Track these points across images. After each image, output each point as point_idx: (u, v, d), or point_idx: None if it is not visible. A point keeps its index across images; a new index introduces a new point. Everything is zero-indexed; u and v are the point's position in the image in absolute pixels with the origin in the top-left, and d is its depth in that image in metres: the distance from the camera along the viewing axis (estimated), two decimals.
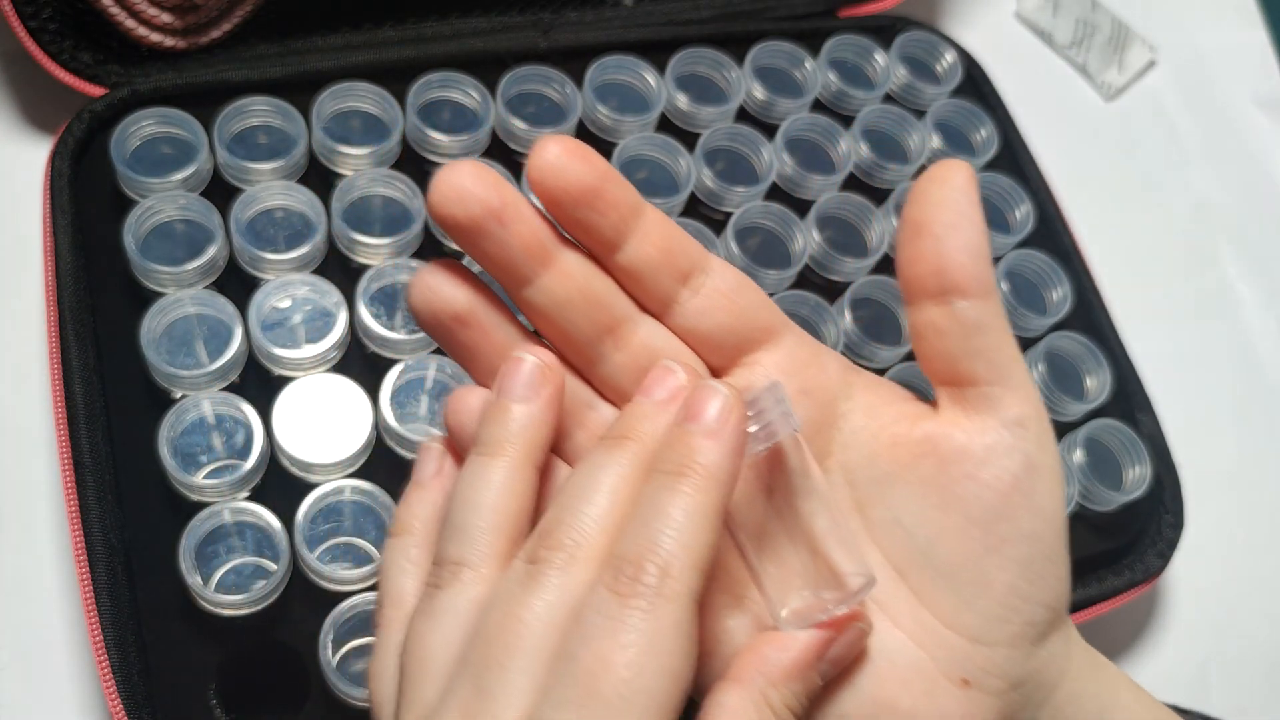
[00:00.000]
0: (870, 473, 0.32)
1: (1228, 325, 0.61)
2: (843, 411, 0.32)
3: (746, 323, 0.31)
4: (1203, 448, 0.54)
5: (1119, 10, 0.67)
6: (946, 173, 0.30)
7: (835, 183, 0.52)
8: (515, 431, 0.29)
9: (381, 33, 0.53)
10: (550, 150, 0.28)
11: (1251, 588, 0.55)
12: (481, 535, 0.29)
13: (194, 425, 0.43)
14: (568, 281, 0.30)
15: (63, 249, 0.45)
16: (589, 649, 0.25)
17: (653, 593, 0.26)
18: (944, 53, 0.58)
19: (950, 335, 0.31)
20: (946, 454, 0.31)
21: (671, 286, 0.31)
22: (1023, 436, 0.30)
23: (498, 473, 0.29)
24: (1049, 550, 0.31)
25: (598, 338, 0.31)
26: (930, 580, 0.31)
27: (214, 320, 0.44)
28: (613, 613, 0.26)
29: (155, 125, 0.47)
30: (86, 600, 0.39)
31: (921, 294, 0.31)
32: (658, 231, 0.30)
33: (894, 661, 0.30)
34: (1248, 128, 0.67)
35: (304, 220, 0.47)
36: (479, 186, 0.28)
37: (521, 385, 0.30)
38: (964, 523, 0.30)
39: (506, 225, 0.29)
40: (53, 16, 0.47)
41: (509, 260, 0.29)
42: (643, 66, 0.52)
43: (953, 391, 0.31)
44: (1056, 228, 0.55)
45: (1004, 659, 0.31)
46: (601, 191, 0.29)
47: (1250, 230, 0.64)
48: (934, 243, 0.30)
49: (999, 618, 0.30)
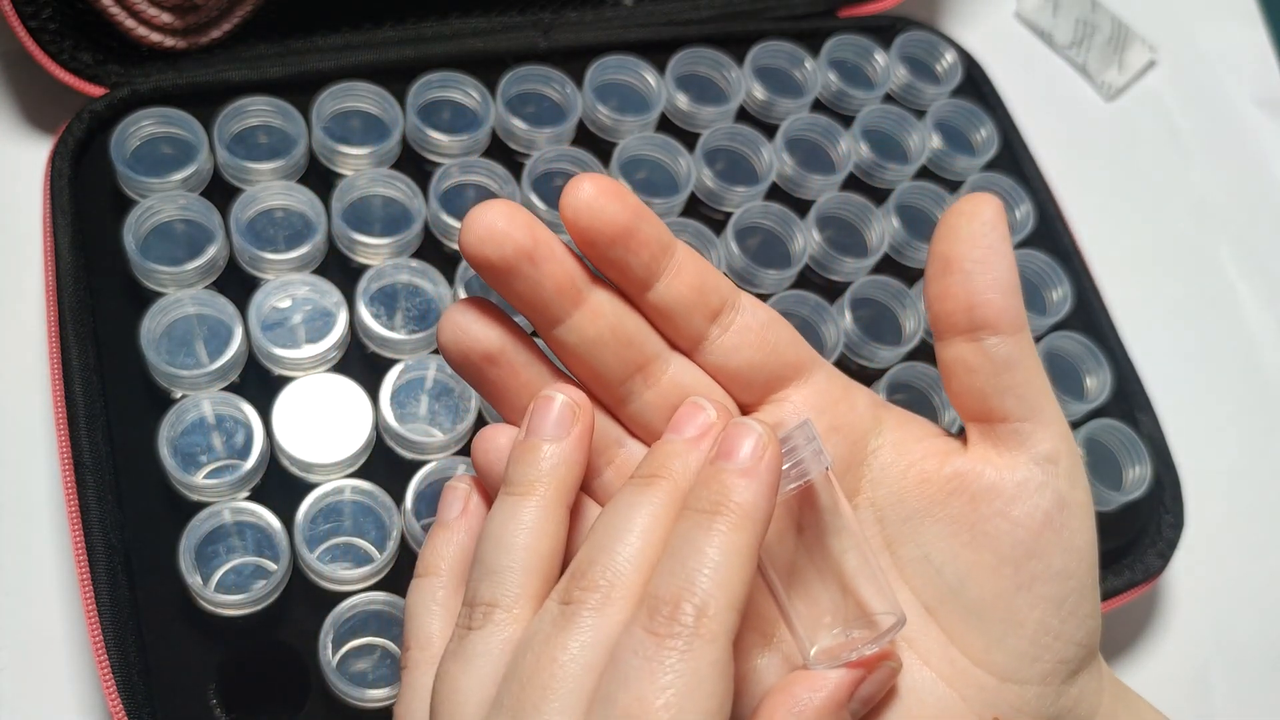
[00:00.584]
0: (899, 510, 0.32)
1: (1228, 325, 0.61)
2: (872, 448, 0.32)
3: (776, 359, 0.31)
4: (1203, 448, 0.54)
5: (1119, 10, 0.67)
6: (975, 207, 0.30)
7: (835, 183, 0.52)
8: (546, 470, 0.29)
9: (381, 33, 0.52)
10: (585, 189, 0.28)
11: (1252, 588, 0.55)
12: (514, 576, 0.28)
13: (194, 425, 0.43)
14: (599, 320, 0.30)
15: (63, 249, 0.45)
16: (627, 691, 0.25)
17: (690, 633, 0.25)
18: (944, 53, 0.58)
19: (981, 372, 0.30)
20: (977, 491, 0.31)
21: (702, 324, 0.31)
22: (1054, 473, 0.30)
23: (529, 512, 0.29)
24: (1081, 587, 0.31)
25: (628, 376, 0.31)
26: (960, 618, 0.31)
27: (214, 320, 0.44)
28: (650, 654, 0.25)
29: (155, 125, 0.47)
30: (86, 600, 0.39)
31: (951, 330, 0.31)
32: (689, 269, 0.30)
33: (923, 700, 0.30)
34: (1248, 128, 0.67)
35: (304, 220, 0.47)
36: (512, 226, 0.28)
37: (552, 424, 0.29)
38: (994, 560, 0.30)
39: (539, 265, 0.28)
40: (53, 16, 0.47)
41: (541, 300, 0.29)
42: (643, 66, 0.52)
43: (983, 428, 0.31)
44: (1056, 227, 0.55)
45: (1035, 697, 0.30)
46: (635, 230, 0.29)
47: (1250, 230, 0.64)
48: (964, 279, 0.30)
49: (1030, 656, 0.30)
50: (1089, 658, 0.31)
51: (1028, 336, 0.31)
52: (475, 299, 0.30)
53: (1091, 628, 0.31)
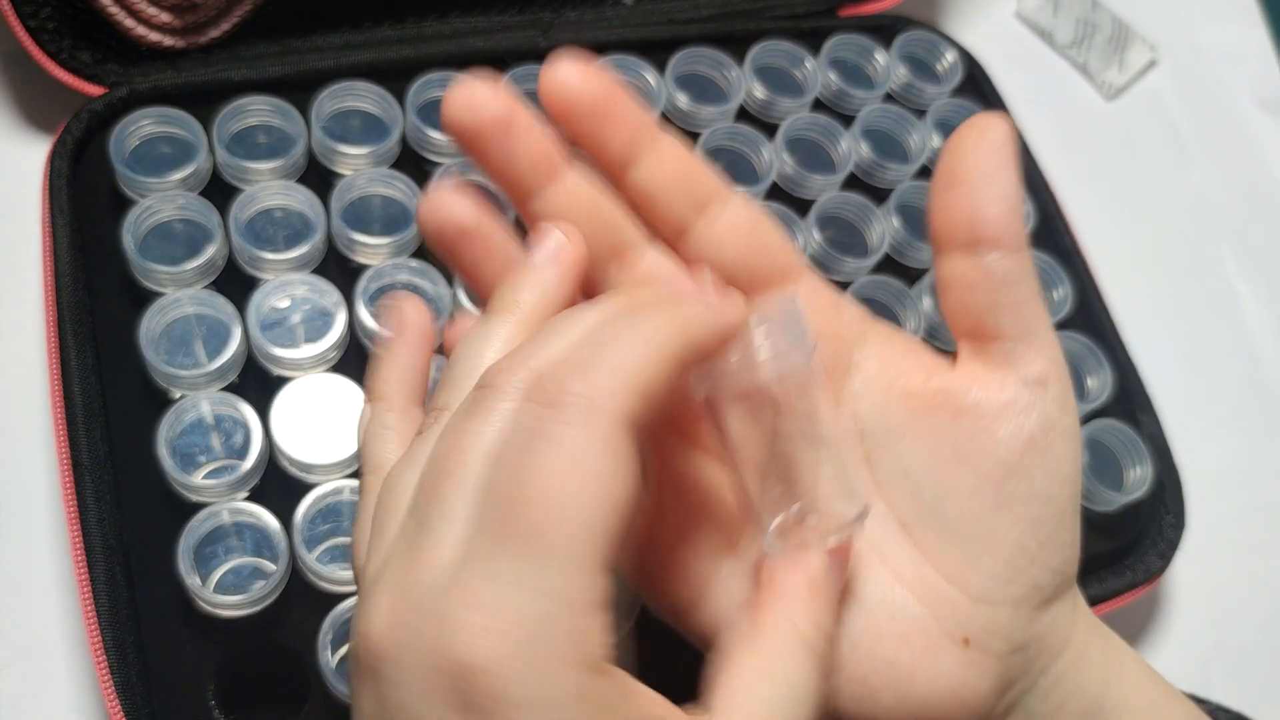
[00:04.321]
0: (882, 423, 0.31)
1: (1229, 325, 0.61)
2: (857, 360, 0.32)
3: (764, 259, 0.31)
4: (1204, 448, 0.54)
5: (1119, 10, 0.67)
6: (984, 125, 0.30)
7: (836, 182, 0.52)
8: (525, 294, 0.29)
9: (381, 32, 0.52)
10: (562, 65, 0.29)
11: (1253, 588, 0.54)
12: (471, 381, 0.27)
13: (193, 425, 0.42)
14: (573, 197, 0.30)
15: (61, 249, 0.44)
16: (510, 470, 0.24)
17: (577, 402, 0.24)
18: (944, 52, 0.58)
19: (978, 288, 0.30)
20: (961, 408, 0.30)
21: (686, 213, 0.31)
22: (1042, 396, 0.30)
23: (503, 329, 0.28)
24: (1060, 513, 0.30)
25: (603, 260, 0.30)
26: (936, 536, 0.30)
27: (213, 320, 0.44)
28: (535, 428, 0.24)
29: (154, 125, 0.47)
30: (85, 601, 0.39)
31: (952, 244, 0.30)
32: (673, 156, 0.30)
33: (894, 617, 0.30)
34: (1249, 127, 0.67)
35: (303, 220, 0.47)
36: (490, 97, 0.29)
37: (542, 254, 0.29)
38: (975, 479, 0.30)
39: (514, 135, 0.29)
40: (51, 16, 0.47)
41: (515, 171, 0.29)
42: (643, 66, 0.52)
43: (975, 346, 0.31)
44: (1057, 227, 0.55)
45: (1007, 620, 0.30)
46: (611, 106, 0.29)
47: (1251, 230, 0.64)
48: (968, 192, 0.30)
49: (1005, 578, 0.30)
50: (1064, 586, 0.31)
51: (1027, 257, 0.30)
52: (454, 179, 0.31)
53: (1069, 556, 0.31)
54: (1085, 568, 0.47)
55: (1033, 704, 0.31)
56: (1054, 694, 0.31)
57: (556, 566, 0.23)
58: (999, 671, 0.30)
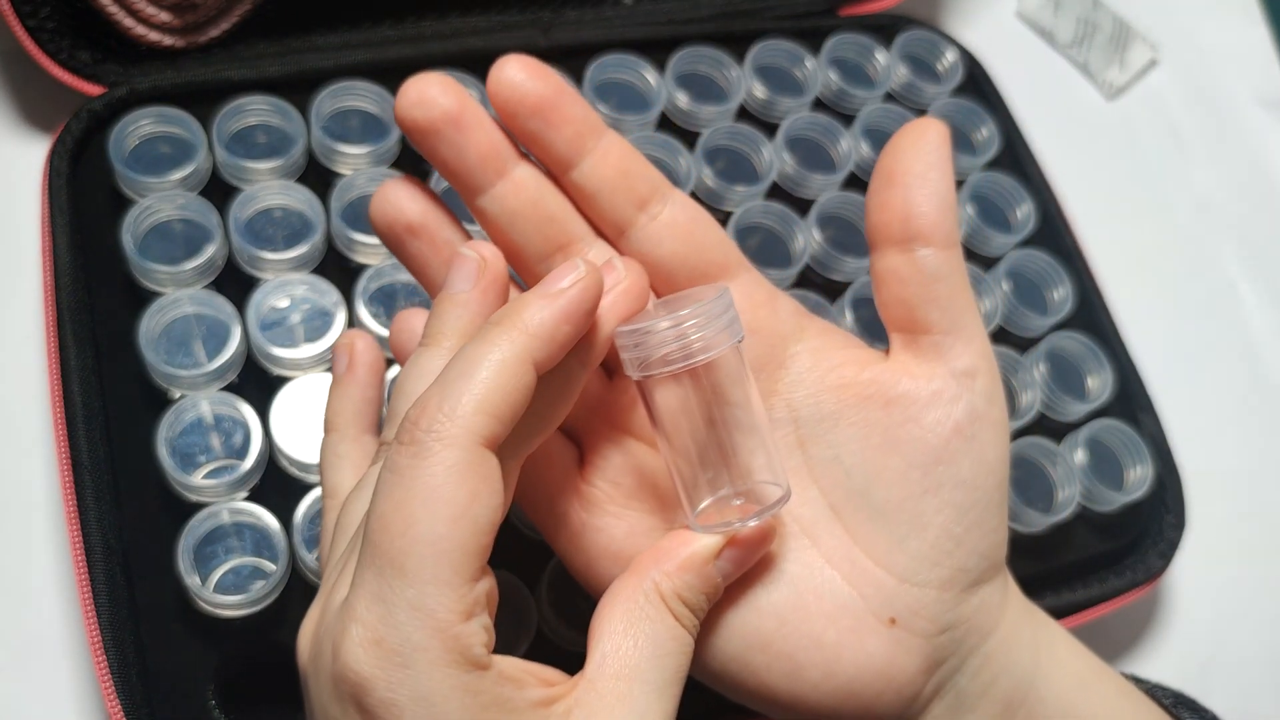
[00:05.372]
0: (814, 412, 0.32)
1: (1230, 325, 0.61)
2: (792, 353, 0.33)
3: (701, 256, 0.32)
4: (1205, 448, 0.54)
5: (1120, 9, 0.67)
6: (921, 129, 0.32)
7: (836, 182, 0.52)
8: (451, 322, 0.30)
9: (380, 31, 0.52)
10: (509, 66, 0.30)
11: (1254, 588, 0.54)
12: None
13: (192, 425, 0.42)
14: (521, 193, 0.31)
15: (61, 248, 0.44)
16: (379, 509, 0.26)
17: (428, 439, 0.26)
18: (945, 51, 0.58)
19: (910, 282, 0.31)
20: (891, 398, 0.31)
21: (627, 210, 0.32)
22: (969, 387, 0.31)
23: (435, 361, 0.29)
24: (987, 500, 0.31)
25: (548, 253, 0.32)
26: (865, 519, 0.31)
27: (212, 320, 0.44)
28: (392, 465, 0.26)
29: (153, 124, 0.47)
30: (85, 601, 0.39)
31: (886, 241, 0.32)
32: (616, 154, 0.32)
33: (821, 596, 0.31)
34: (1250, 127, 0.67)
35: (302, 219, 0.47)
36: (442, 94, 0.30)
37: (462, 279, 0.30)
38: (903, 465, 0.31)
39: (463, 132, 0.30)
40: (51, 15, 0.47)
41: (465, 167, 0.30)
42: (643, 65, 0.52)
43: (906, 339, 0.32)
44: (1058, 227, 0.55)
45: (933, 601, 0.31)
46: (557, 106, 0.30)
47: (1252, 230, 0.64)
48: (902, 191, 0.31)
49: (930, 560, 0.31)
50: (991, 571, 0.32)
51: (958, 255, 0.32)
52: (407, 176, 0.32)
53: (995, 542, 0.32)
54: (1086, 567, 0.48)
55: (962, 683, 0.32)
56: (983, 673, 0.32)
57: (419, 585, 0.25)
58: (926, 651, 0.31)
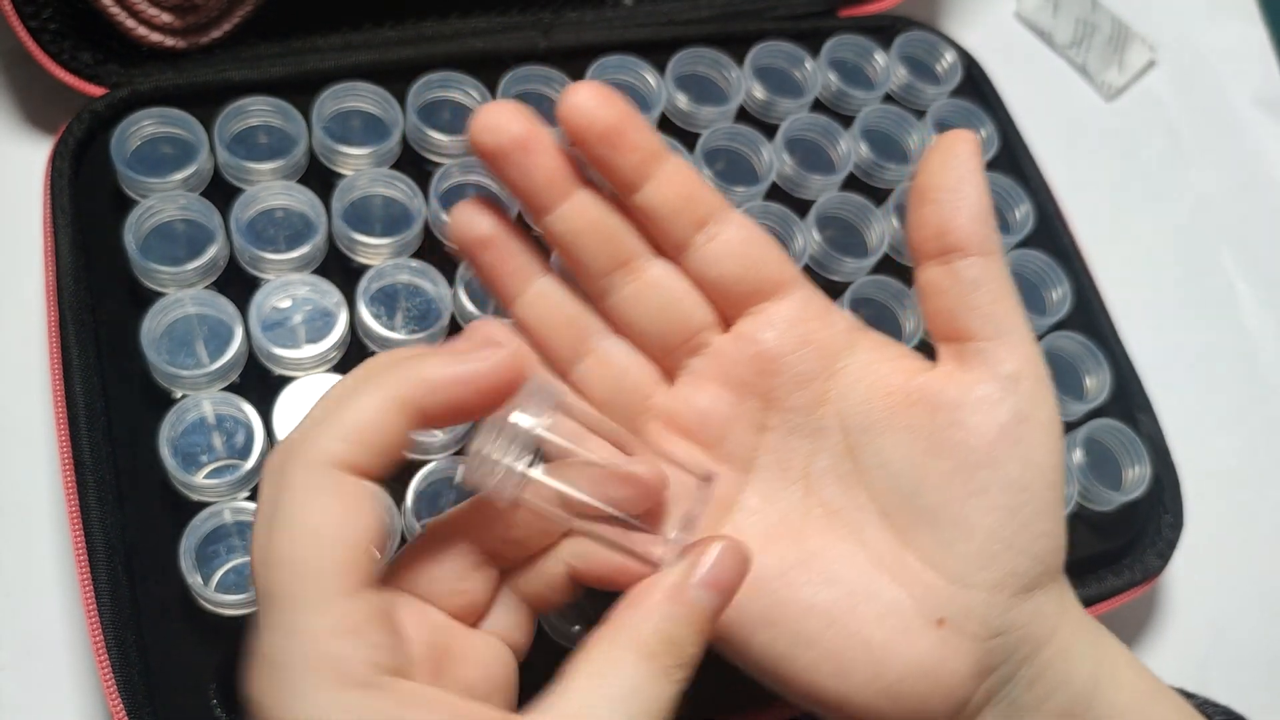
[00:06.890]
0: (863, 419, 0.33)
1: (1228, 325, 0.61)
2: (843, 365, 0.34)
3: (757, 274, 0.34)
4: (1203, 448, 0.54)
5: (1119, 10, 0.67)
6: (951, 143, 0.33)
7: (835, 183, 0.52)
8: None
9: (382, 32, 0.52)
10: (580, 92, 0.32)
11: (1251, 588, 0.55)
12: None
13: (194, 425, 0.43)
14: (584, 214, 0.33)
15: (63, 249, 0.45)
16: (258, 541, 0.27)
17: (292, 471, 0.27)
18: (944, 53, 0.58)
19: (950, 293, 0.32)
20: (937, 403, 0.32)
21: (686, 231, 0.33)
22: (1014, 390, 0.32)
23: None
24: (1038, 502, 0.31)
25: (610, 269, 0.33)
26: (914, 522, 0.32)
27: (214, 320, 0.44)
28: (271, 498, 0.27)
29: (155, 125, 0.47)
30: (87, 600, 0.39)
31: (925, 256, 0.33)
32: (678, 177, 0.33)
33: (870, 597, 0.31)
34: (1248, 127, 0.67)
35: (304, 220, 0.47)
36: (512, 120, 0.32)
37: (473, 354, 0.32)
38: (950, 467, 0.31)
39: (531, 155, 0.32)
40: (53, 16, 0.47)
41: (531, 188, 0.32)
42: (642, 66, 0.52)
43: (952, 348, 0.33)
44: (1056, 227, 0.55)
45: (983, 604, 0.31)
46: (623, 132, 0.32)
47: (1250, 230, 0.64)
48: (936, 208, 0.32)
49: (979, 563, 0.31)
50: (1045, 577, 0.32)
51: (998, 260, 0.32)
52: (482, 196, 0.34)
53: (1049, 546, 0.32)
54: (1083, 567, 0.48)
55: (1016, 693, 0.32)
56: (1038, 684, 0.32)
57: (295, 609, 0.26)
58: (976, 655, 0.31)
